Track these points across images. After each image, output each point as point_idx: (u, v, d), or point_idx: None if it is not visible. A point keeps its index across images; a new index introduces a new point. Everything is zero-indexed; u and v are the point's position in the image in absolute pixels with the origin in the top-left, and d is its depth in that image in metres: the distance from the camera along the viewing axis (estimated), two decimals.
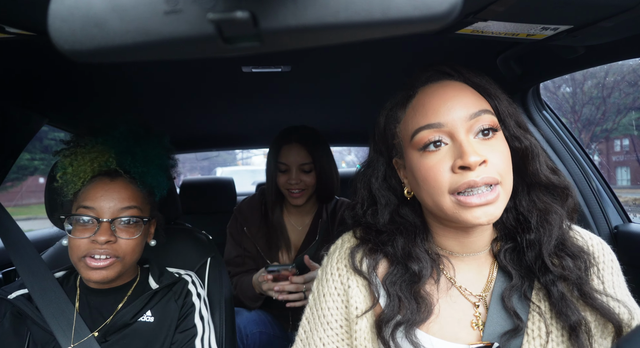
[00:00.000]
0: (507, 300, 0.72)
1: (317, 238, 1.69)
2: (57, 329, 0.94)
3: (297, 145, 1.60)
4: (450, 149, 0.68)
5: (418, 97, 0.74)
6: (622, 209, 1.44)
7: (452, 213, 0.68)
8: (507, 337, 0.70)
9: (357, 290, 0.78)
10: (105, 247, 0.91)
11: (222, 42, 0.28)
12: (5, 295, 0.99)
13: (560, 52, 1.04)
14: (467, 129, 0.68)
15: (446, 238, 0.78)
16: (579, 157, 1.42)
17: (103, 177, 0.97)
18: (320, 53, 1.16)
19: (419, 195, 0.74)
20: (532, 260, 0.74)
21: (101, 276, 0.92)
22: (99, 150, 1.00)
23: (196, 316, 1.04)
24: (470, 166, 0.65)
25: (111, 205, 0.93)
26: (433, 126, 0.69)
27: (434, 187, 0.68)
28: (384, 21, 0.26)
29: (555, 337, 0.70)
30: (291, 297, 1.40)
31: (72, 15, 0.28)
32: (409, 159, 0.74)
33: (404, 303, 0.73)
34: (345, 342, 0.78)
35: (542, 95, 1.42)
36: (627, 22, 0.72)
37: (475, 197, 0.65)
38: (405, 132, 0.74)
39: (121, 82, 1.37)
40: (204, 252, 1.27)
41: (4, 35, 0.76)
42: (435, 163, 0.68)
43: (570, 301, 0.70)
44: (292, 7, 0.27)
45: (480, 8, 0.67)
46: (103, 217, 0.92)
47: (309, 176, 1.61)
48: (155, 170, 1.04)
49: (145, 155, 1.03)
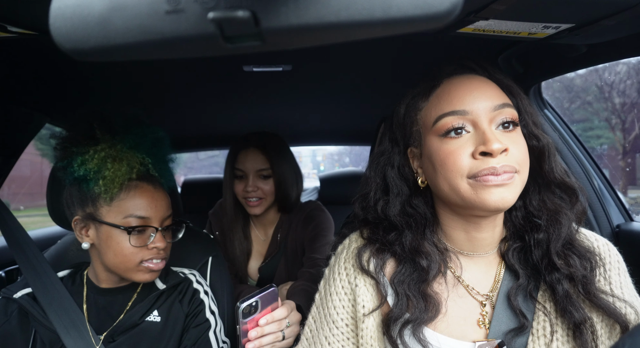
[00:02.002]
0: (513, 299, 0.73)
1: (279, 250, 1.61)
2: (61, 328, 0.94)
3: (254, 150, 1.51)
4: (471, 137, 0.70)
5: (443, 86, 0.75)
6: (624, 208, 1.43)
7: (469, 196, 0.68)
8: (512, 334, 0.71)
9: (365, 289, 0.79)
10: (161, 252, 0.98)
11: (223, 41, 0.28)
12: (11, 295, 0.99)
13: (562, 50, 1.03)
14: (490, 119, 0.70)
15: (457, 232, 0.77)
16: (581, 156, 1.42)
17: (140, 182, 0.97)
18: (322, 52, 1.16)
19: (435, 181, 0.74)
20: (539, 259, 0.74)
21: (154, 277, 0.99)
22: (131, 153, 0.97)
23: (207, 311, 1.06)
24: (492, 152, 0.66)
25: (160, 214, 0.98)
26: (457, 113, 0.70)
27: (453, 170, 0.69)
28: (385, 20, 0.26)
29: (560, 336, 0.70)
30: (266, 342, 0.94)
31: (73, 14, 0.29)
32: (428, 145, 0.74)
33: (412, 302, 0.73)
34: (351, 340, 0.79)
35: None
36: (629, 20, 0.72)
37: (494, 177, 0.66)
38: (427, 119, 0.75)
39: (122, 81, 1.38)
40: (205, 251, 1.27)
41: (5, 34, 0.76)
42: (456, 148, 0.69)
43: (575, 300, 0.70)
44: (293, 6, 0.27)
45: (482, 7, 0.66)
46: (156, 225, 0.97)
47: (267, 183, 1.51)
48: (170, 171, 1.08)
49: (161, 157, 1.04)
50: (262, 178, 1.51)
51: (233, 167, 1.53)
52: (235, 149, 1.55)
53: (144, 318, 1.00)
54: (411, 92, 0.80)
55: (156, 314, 1.01)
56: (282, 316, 0.96)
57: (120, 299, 1.02)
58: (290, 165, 1.56)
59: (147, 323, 0.99)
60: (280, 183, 1.52)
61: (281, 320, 0.96)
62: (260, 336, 0.92)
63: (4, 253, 1.67)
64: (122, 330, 0.97)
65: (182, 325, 1.02)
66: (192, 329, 1.03)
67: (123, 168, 0.94)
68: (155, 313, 1.01)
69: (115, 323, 0.98)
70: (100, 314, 1.00)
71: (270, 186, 1.52)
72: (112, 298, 1.02)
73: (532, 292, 0.74)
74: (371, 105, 1.84)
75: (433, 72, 0.78)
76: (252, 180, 1.50)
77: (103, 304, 1.01)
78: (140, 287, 1.04)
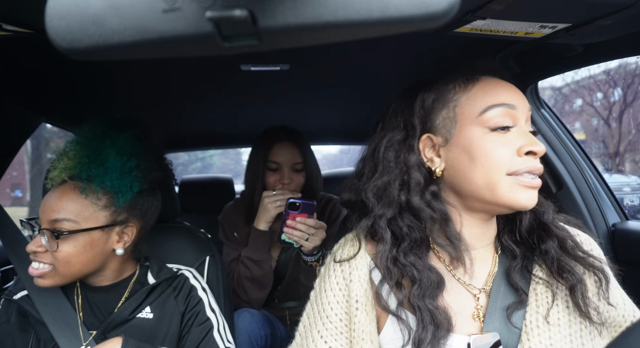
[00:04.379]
0: (512, 275, 0.76)
1: None
2: (54, 327, 0.94)
3: (290, 144, 1.56)
4: (516, 133, 0.72)
5: (484, 80, 0.76)
6: (620, 207, 1.44)
7: (504, 193, 0.69)
8: (511, 309, 0.73)
9: (359, 284, 0.79)
10: (37, 256, 0.90)
11: (221, 40, 0.28)
12: (11, 296, 1.00)
13: (558, 50, 1.04)
14: (526, 118, 0.74)
15: (467, 228, 0.77)
16: (577, 155, 1.43)
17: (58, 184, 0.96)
18: (320, 51, 1.16)
19: (467, 174, 0.72)
20: (528, 230, 0.78)
21: (38, 284, 0.92)
22: (65, 153, 0.97)
23: (207, 309, 1.04)
24: (538, 153, 0.70)
25: (44, 215, 0.92)
26: (507, 106, 0.71)
27: (496, 165, 0.70)
28: (383, 20, 0.26)
29: (555, 306, 0.73)
30: (296, 235, 1.38)
31: (69, 13, 0.28)
32: (466, 135, 0.73)
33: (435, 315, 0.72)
34: (344, 335, 0.79)
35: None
36: (625, 20, 0.72)
37: (532, 178, 0.70)
38: (469, 108, 0.74)
39: (119, 80, 1.37)
40: (202, 250, 1.27)
41: (1, 32, 0.76)
42: (503, 143, 0.71)
43: (565, 262, 0.74)
44: (291, 5, 0.26)
45: (479, 6, 0.67)
46: (41, 225, 0.92)
47: (299, 176, 1.58)
48: (111, 173, 0.94)
49: (99, 157, 0.95)
50: (295, 171, 1.58)
51: (266, 159, 1.57)
52: (268, 142, 1.58)
53: (134, 314, 0.98)
54: (441, 80, 0.78)
55: (148, 311, 1.00)
56: (311, 224, 1.39)
57: (112, 296, 1.01)
58: (314, 158, 1.66)
59: (138, 320, 0.98)
60: (309, 176, 1.60)
61: (309, 227, 1.38)
62: (292, 228, 1.38)
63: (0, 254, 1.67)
64: (112, 327, 0.97)
65: (178, 324, 1.01)
66: (193, 329, 1.01)
67: (55, 169, 0.95)
68: (147, 310, 1.00)
69: (106, 320, 0.97)
70: (94, 311, 1.00)
71: (302, 178, 1.59)
72: (104, 295, 1.01)
73: (528, 267, 0.77)
74: (369, 104, 1.84)
75: (467, 67, 0.79)
76: (287, 173, 1.56)
77: (95, 301, 1.00)
78: (132, 283, 1.03)
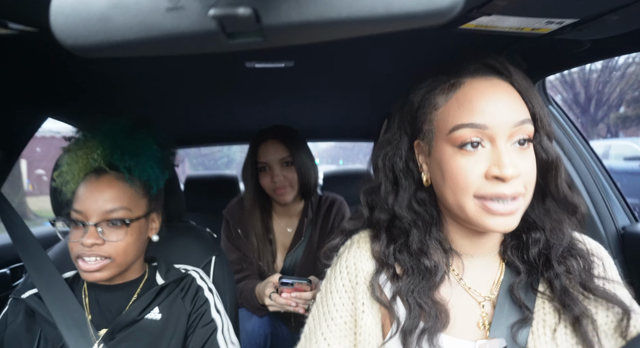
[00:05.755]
0: (516, 292, 0.73)
1: (302, 239, 1.66)
2: (63, 326, 0.94)
3: (274, 141, 1.58)
4: (487, 153, 0.67)
5: (464, 89, 0.71)
6: (630, 209, 1.39)
7: (473, 216, 0.68)
8: (516, 327, 0.72)
9: (365, 286, 0.79)
10: (93, 249, 0.90)
11: (225, 37, 0.28)
12: (19, 296, 1.00)
13: (566, 46, 1.03)
14: (508, 135, 0.67)
15: (458, 236, 0.77)
16: (586, 155, 1.39)
17: (91, 175, 0.96)
18: (324, 48, 1.15)
19: (441, 190, 0.73)
20: (536, 256, 0.74)
21: (93, 278, 0.92)
22: (88, 147, 0.98)
23: (212, 310, 1.04)
24: (505, 179, 0.65)
25: (96, 207, 0.91)
26: (477, 126, 0.67)
27: (462, 188, 0.67)
28: (387, 16, 0.26)
29: (562, 327, 0.71)
30: (292, 306, 1.38)
31: (74, 11, 0.28)
32: (439, 151, 0.72)
33: (425, 310, 0.72)
34: (348, 338, 0.78)
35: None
36: (632, 15, 0.71)
37: (501, 205, 0.66)
38: (443, 123, 0.71)
39: (123, 77, 1.37)
40: (208, 250, 1.27)
41: (6, 31, 0.76)
42: (469, 164, 0.67)
43: (572, 294, 0.71)
44: (294, 3, 0.26)
45: (484, 2, 0.66)
46: (90, 220, 0.91)
47: (290, 171, 1.58)
48: (146, 162, 0.99)
49: (134, 148, 0.99)
50: (285, 166, 1.59)
51: (255, 161, 1.60)
52: (254, 145, 1.61)
53: (143, 315, 0.99)
54: (428, 84, 0.76)
55: (157, 311, 1.00)
56: (308, 297, 1.36)
57: (121, 296, 1.01)
58: (306, 152, 1.64)
59: (146, 321, 0.98)
60: (300, 169, 1.60)
61: (306, 300, 1.36)
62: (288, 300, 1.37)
63: (10, 251, 1.68)
64: (121, 327, 0.97)
65: (185, 324, 1.01)
66: (198, 330, 1.01)
67: (78, 162, 0.95)
68: (156, 311, 1.00)
69: (115, 320, 0.97)
70: (102, 311, 1.00)
71: (294, 173, 1.59)
72: (113, 295, 1.01)
73: (534, 284, 0.75)
74: (374, 101, 1.83)
75: (455, 67, 0.75)
76: (277, 170, 1.57)
77: (103, 301, 1.01)
78: (141, 285, 1.04)
